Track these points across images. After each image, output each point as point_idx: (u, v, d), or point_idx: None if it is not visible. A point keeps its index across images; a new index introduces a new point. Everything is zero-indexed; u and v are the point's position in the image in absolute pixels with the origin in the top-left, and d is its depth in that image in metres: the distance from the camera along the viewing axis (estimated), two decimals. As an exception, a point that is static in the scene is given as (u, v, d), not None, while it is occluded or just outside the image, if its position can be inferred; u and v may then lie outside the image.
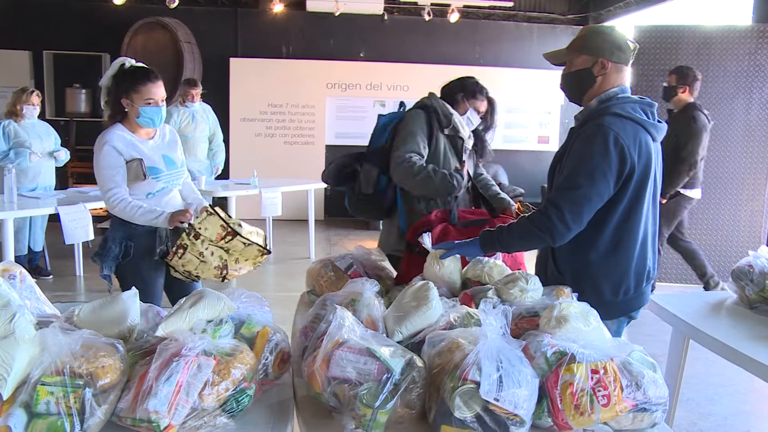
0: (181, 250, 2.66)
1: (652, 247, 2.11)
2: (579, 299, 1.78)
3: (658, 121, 2.04)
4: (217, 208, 2.72)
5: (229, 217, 2.76)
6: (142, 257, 2.76)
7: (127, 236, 2.76)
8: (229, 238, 2.65)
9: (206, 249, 2.65)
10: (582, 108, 2.11)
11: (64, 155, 5.55)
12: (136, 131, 2.79)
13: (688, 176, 4.71)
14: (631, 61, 2.06)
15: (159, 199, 2.80)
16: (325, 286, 2.30)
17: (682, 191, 4.82)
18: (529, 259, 2.34)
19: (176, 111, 6.31)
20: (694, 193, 4.91)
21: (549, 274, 2.11)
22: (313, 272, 2.40)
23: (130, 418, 1.31)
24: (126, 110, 2.76)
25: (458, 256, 2.20)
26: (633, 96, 2.04)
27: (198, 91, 6.34)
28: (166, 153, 2.87)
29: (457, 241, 2.19)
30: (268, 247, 2.77)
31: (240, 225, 2.72)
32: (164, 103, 2.77)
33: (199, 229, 2.63)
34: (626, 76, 2.06)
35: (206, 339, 1.42)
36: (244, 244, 2.68)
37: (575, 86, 2.10)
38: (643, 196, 2.00)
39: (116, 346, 1.41)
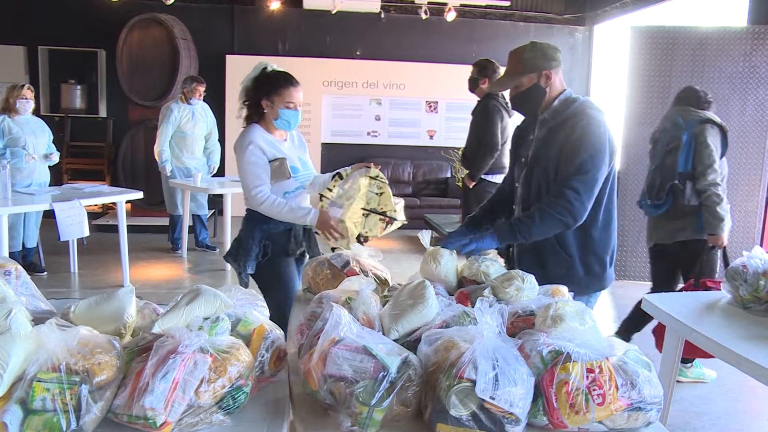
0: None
1: None
2: (586, 274, 2.29)
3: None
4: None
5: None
6: (279, 256, 2.84)
7: (265, 236, 2.84)
8: (388, 225, 2.73)
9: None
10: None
11: (56, 158, 5.55)
12: (272, 132, 2.87)
13: (491, 158, 4.92)
14: (561, 62, 2.36)
15: (293, 199, 2.84)
16: (322, 284, 2.30)
17: (485, 177, 5.01)
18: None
19: (177, 107, 6.32)
20: (497, 179, 5.01)
21: (554, 255, 2.32)
22: (310, 270, 2.41)
23: (127, 414, 1.31)
24: (264, 111, 2.83)
25: (454, 254, 2.22)
26: (581, 96, 2.36)
27: (204, 87, 6.37)
28: (300, 155, 2.94)
29: (471, 236, 2.32)
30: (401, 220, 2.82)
31: (395, 210, 2.77)
32: (301, 107, 2.84)
33: (367, 233, 2.72)
34: (562, 76, 2.36)
35: (203, 336, 1.42)
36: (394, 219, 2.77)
37: (530, 102, 2.35)
38: (613, 177, 2.32)
39: (113, 342, 1.41)
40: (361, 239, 2.73)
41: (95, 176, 8.32)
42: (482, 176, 5.03)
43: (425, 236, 2.31)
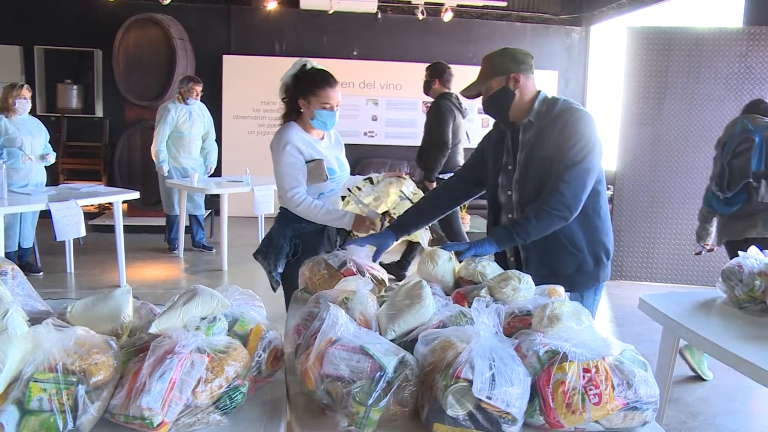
0: None
1: None
2: (595, 264, 2.32)
3: None
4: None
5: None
6: (309, 256, 2.74)
7: (296, 235, 2.81)
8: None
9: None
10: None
11: (53, 158, 5.55)
12: (309, 132, 2.83)
13: (443, 157, 5.02)
14: (534, 68, 2.37)
15: (327, 200, 2.83)
16: (319, 284, 2.30)
17: (441, 177, 5.10)
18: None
19: (174, 107, 6.32)
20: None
21: (560, 252, 2.32)
22: (306, 270, 2.40)
23: (123, 414, 1.31)
24: (301, 110, 2.78)
25: (452, 254, 2.22)
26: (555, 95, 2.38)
27: (201, 87, 6.37)
28: (337, 155, 2.91)
29: (469, 242, 2.34)
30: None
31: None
32: (338, 108, 2.80)
33: (393, 214, 2.65)
34: (536, 81, 2.36)
35: (200, 336, 1.42)
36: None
37: (499, 105, 2.35)
38: (602, 171, 2.35)
39: (109, 342, 1.41)
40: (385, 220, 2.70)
41: (91, 176, 8.30)
42: (439, 176, 5.11)
43: (423, 236, 2.31)
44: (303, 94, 2.75)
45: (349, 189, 2.82)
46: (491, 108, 2.40)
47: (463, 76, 10.17)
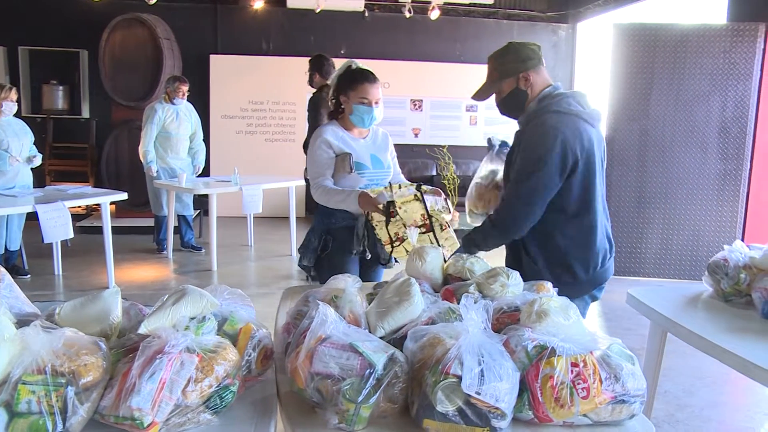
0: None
1: (608, 221, 2.38)
2: (555, 283, 2.00)
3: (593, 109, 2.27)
4: (426, 197, 2.62)
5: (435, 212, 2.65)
6: (339, 252, 2.82)
7: (326, 230, 2.85)
8: (423, 230, 2.61)
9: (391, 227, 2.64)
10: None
11: (39, 160, 5.51)
12: (350, 129, 2.86)
13: None
14: (543, 58, 2.30)
15: None
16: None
17: None
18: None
19: (161, 107, 6.30)
20: None
21: (524, 266, 2.26)
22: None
23: (113, 415, 1.31)
24: (343, 107, 2.84)
25: (440, 251, 2.23)
26: (565, 91, 2.25)
27: (187, 87, 6.34)
28: (375, 153, 2.91)
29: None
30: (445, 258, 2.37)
31: (442, 227, 2.62)
32: (377, 104, 2.79)
33: (399, 208, 2.56)
34: (547, 74, 2.30)
35: (189, 336, 1.42)
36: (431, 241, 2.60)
37: (514, 106, 2.31)
38: (594, 179, 2.23)
39: (99, 343, 1.40)
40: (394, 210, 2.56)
41: (79, 178, 8.24)
42: None
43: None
44: (343, 90, 2.80)
45: (390, 183, 2.76)
46: (506, 110, 2.37)
47: (449, 73, 10.13)
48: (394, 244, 2.67)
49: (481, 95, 2.38)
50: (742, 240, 2.61)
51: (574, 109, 2.21)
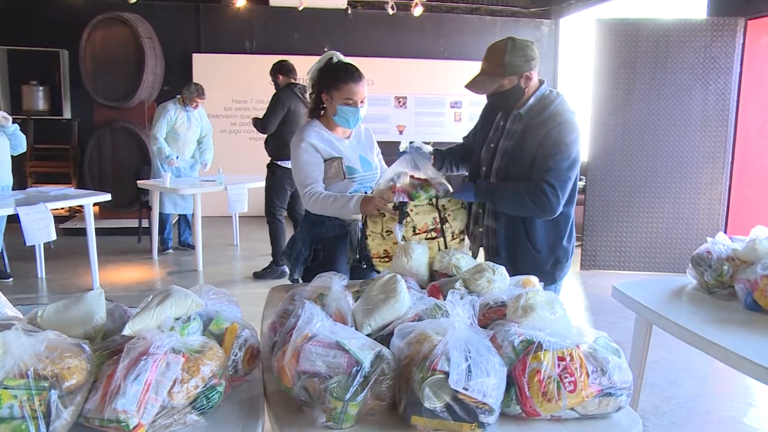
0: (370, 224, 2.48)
1: None
2: (552, 266, 2.42)
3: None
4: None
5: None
6: (332, 262, 2.62)
7: (316, 240, 2.67)
8: (434, 235, 2.46)
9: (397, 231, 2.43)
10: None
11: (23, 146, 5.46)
12: (333, 129, 2.68)
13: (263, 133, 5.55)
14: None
15: None
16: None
17: (282, 164, 5.48)
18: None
19: (174, 108, 6.35)
20: (287, 164, 5.33)
21: (522, 251, 2.42)
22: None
23: (98, 418, 1.29)
24: (325, 106, 2.66)
25: (426, 248, 2.24)
26: (556, 90, 2.43)
27: (203, 101, 6.47)
28: (362, 154, 2.76)
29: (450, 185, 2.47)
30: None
31: (453, 235, 2.51)
32: (363, 104, 2.62)
33: (411, 210, 2.43)
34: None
35: (174, 336, 1.40)
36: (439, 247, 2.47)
37: (509, 102, 2.40)
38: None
39: (82, 346, 1.39)
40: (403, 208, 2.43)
41: (61, 179, 8.14)
42: (280, 164, 5.52)
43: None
44: (326, 89, 2.60)
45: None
46: (500, 103, 2.45)
47: (433, 69, 10.10)
48: (383, 260, 2.50)
49: (480, 88, 2.39)
50: (725, 232, 2.63)
51: (573, 109, 2.40)
